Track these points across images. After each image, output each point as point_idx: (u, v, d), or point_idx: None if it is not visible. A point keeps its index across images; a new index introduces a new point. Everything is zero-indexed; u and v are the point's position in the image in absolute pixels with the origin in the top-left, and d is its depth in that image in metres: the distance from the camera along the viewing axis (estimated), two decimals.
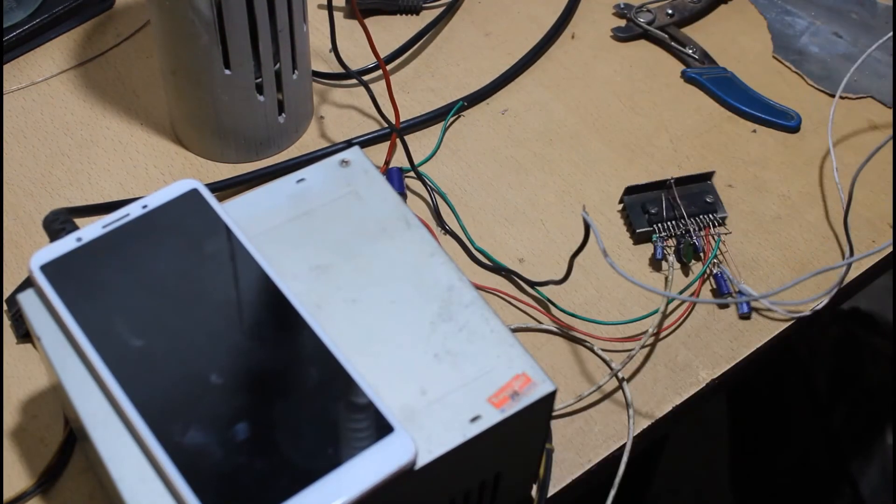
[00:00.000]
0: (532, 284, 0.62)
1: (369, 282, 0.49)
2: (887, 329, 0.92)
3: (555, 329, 0.61)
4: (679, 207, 0.65)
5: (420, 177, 0.67)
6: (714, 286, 0.63)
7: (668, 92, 0.75)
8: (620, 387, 0.59)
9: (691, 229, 0.64)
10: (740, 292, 0.62)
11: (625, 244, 0.65)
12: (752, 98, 0.73)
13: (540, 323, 0.61)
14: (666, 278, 0.63)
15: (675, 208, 0.65)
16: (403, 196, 0.67)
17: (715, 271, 0.63)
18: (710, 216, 0.65)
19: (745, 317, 0.62)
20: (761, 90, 0.74)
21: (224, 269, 0.48)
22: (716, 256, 0.64)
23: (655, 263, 0.64)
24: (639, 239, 0.65)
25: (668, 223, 0.65)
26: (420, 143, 0.71)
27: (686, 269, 0.64)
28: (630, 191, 0.66)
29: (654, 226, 0.65)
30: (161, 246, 0.49)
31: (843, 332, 0.91)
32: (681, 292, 0.63)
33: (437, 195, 0.67)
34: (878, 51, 0.76)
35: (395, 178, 0.67)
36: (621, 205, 0.67)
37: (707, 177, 0.67)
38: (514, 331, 0.60)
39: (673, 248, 0.64)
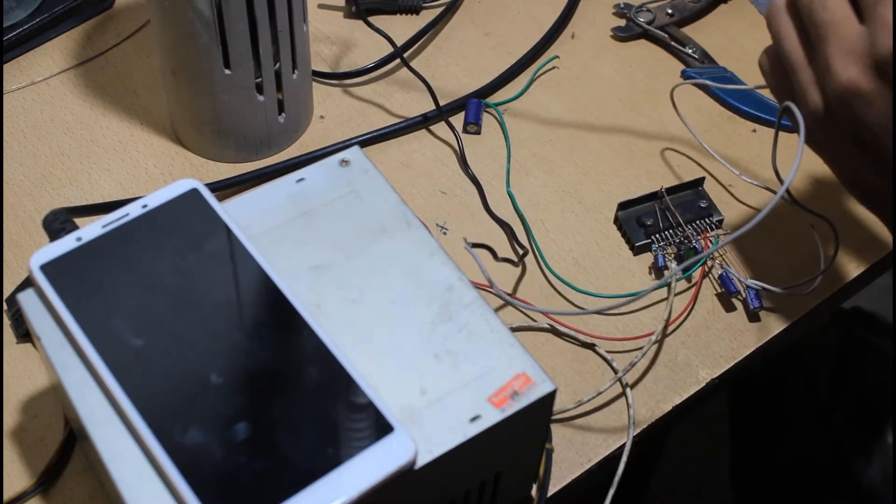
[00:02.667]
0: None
1: (369, 282, 0.49)
2: (888, 329, 0.92)
3: (556, 328, 0.61)
4: (675, 215, 0.65)
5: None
6: (720, 289, 0.63)
7: (668, 92, 0.75)
8: (620, 387, 0.59)
9: (689, 235, 0.64)
10: (748, 287, 0.62)
11: (625, 255, 0.65)
12: (752, 98, 0.73)
13: (540, 323, 0.61)
14: (669, 284, 0.63)
15: (670, 217, 0.65)
16: (478, 126, 0.70)
17: (720, 272, 0.63)
18: (707, 220, 0.65)
19: (756, 311, 0.62)
20: (761, 90, 0.74)
21: (224, 269, 0.48)
22: (714, 252, 0.63)
23: (658, 272, 0.64)
24: (639, 251, 0.65)
25: (666, 232, 0.65)
26: (421, 141, 0.71)
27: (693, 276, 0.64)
28: (623, 206, 0.65)
29: (653, 237, 0.64)
30: (161, 245, 0.49)
31: (844, 332, 0.91)
32: (683, 290, 0.63)
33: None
34: None
35: (473, 108, 0.70)
36: (616, 222, 0.66)
37: (698, 183, 0.66)
38: (515, 330, 0.60)
39: (674, 255, 0.64)
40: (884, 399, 0.84)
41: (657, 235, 0.64)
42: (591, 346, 0.61)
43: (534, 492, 0.53)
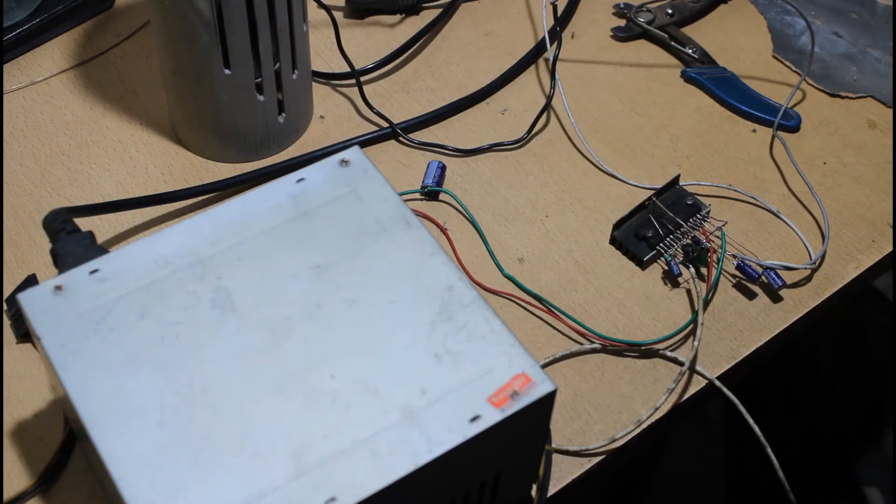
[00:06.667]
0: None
1: (369, 282, 0.49)
2: (892, 307, 0.93)
3: (557, 328, 0.61)
4: (672, 220, 0.64)
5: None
6: (742, 276, 0.63)
7: (668, 92, 0.75)
8: (621, 386, 0.59)
9: (692, 235, 0.64)
10: (769, 268, 0.62)
11: (632, 270, 0.64)
12: (752, 98, 0.73)
13: (581, 343, 0.61)
14: (688, 291, 0.63)
15: (667, 222, 0.64)
16: (439, 185, 0.67)
17: (736, 262, 0.63)
18: (699, 216, 0.65)
19: (779, 291, 0.63)
20: (761, 90, 0.74)
21: None
22: (717, 244, 0.63)
23: (672, 280, 0.64)
24: (647, 264, 0.65)
25: (668, 238, 0.64)
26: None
27: (703, 275, 0.64)
28: (618, 225, 0.65)
29: (658, 247, 0.64)
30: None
31: (849, 308, 0.91)
32: (708, 294, 0.62)
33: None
34: (877, 50, 0.77)
35: (433, 170, 0.67)
36: (614, 242, 0.65)
37: (674, 183, 0.66)
38: (552, 363, 0.60)
39: (681, 259, 0.63)
40: (884, 377, 0.84)
41: (662, 245, 0.64)
42: (593, 348, 0.61)
43: (534, 492, 0.53)
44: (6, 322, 0.60)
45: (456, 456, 0.44)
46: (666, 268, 0.64)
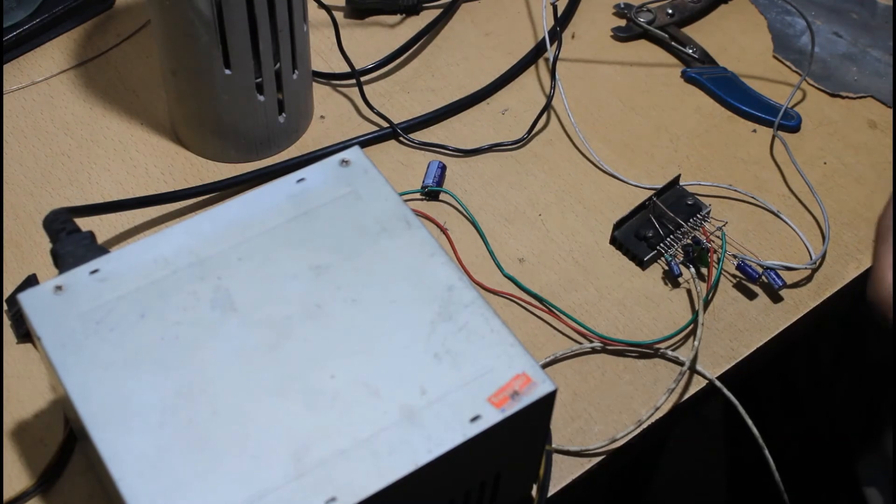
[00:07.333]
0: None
1: (369, 282, 0.49)
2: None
3: (557, 328, 0.61)
4: (672, 220, 0.64)
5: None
6: (742, 276, 0.63)
7: (668, 92, 0.75)
8: (622, 386, 0.59)
9: (693, 235, 0.64)
10: (769, 268, 0.62)
11: (632, 270, 0.64)
12: (752, 98, 0.73)
13: (581, 343, 0.61)
14: (688, 291, 0.63)
15: (667, 222, 0.64)
16: (439, 185, 0.67)
17: (736, 262, 0.63)
18: (699, 216, 0.65)
19: (779, 291, 0.63)
20: (761, 90, 0.74)
21: None
22: (717, 244, 0.63)
23: (672, 280, 0.64)
24: (647, 264, 0.65)
25: (668, 238, 0.64)
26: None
27: (703, 275, 0.64)
28: (618, 225, 0.65)
29: (658, 247, 0.64)
30: None
31: (848, 308, 0.91)
32: (708, 294, 0.62)
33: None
34: (877, 50, 0.77)
35: (433, 170, 0.67)
36: (614, 242, 0.65)
37: (674, 183, 0.66)
38: (552, 363, 0.60)
39: (682, 259, 0.63)
40: (884, 377, 0.84)
41: (662, 245, 0.64)
42: (594, 348, 0.61)
43: (534, 492, 0.53)
44: (6, 322, 0.60)
45: (456, 456, 0.44)
46: (666, 268, 0.64)
